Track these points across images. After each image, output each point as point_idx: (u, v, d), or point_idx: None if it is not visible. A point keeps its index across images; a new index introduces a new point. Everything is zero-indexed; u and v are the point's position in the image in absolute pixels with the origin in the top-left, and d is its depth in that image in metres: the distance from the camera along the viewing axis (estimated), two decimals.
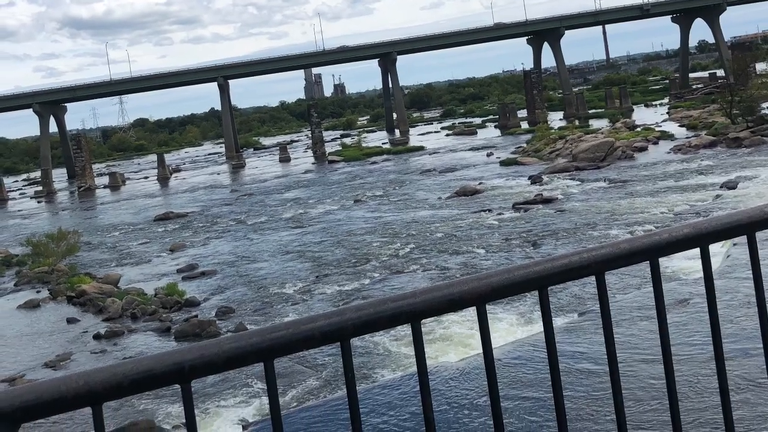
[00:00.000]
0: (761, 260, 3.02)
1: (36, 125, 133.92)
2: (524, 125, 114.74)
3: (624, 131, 78.20)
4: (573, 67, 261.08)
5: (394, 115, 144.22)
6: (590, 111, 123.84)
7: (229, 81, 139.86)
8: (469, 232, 41.17)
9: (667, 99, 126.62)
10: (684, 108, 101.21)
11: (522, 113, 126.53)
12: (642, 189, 47.29)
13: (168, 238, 53.58)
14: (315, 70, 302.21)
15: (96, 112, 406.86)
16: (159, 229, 59.40)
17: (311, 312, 26.64)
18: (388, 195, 60.70)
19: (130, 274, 42.17)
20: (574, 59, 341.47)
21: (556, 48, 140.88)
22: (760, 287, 3.00)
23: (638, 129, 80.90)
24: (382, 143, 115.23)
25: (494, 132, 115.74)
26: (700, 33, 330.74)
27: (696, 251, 2.92)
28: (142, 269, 43.88)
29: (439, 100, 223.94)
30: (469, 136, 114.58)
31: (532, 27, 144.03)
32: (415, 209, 51.66)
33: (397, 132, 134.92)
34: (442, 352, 22.38)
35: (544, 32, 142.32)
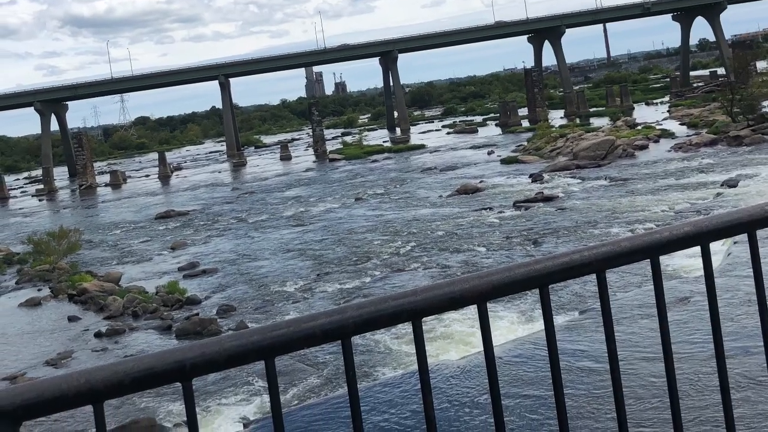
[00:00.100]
0: (762, 258, 3.02)
1: (37, 123, 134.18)
2: (525, 123, 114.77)
3: (625, 129, 78.15)
4: (574, 65, 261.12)
5: (395, 114, 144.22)
6: (591, 109, 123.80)
7: (230, 79, 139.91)
8: (469, 231, 41.17)
9: (667, 97, 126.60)
10: (685, 106, 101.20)
11: (523, 111, 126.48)
12: (643, 187, 47.28)
13: (169, 236, 53.58)
14: (316, 68, 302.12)
15: (97, 111, 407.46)
16: (160, 227, 59.41)
17: (312, 310, 26.62)
18: (389, 193, 60.69)
19: (132, 273, 42.18)
20: (575, 57, 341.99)
21: (557, 46, 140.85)
22: (760, 285, 3.01)
23: (639, 127, 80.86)
24: (383, 141, 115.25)
25: (495, 130, 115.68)
26: (700, 31, 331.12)
27: (697, 249, 2.92)
28: (144, 267, 43.89)
29: (440, 98, 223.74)
30: (470, 134, 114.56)
31: (533, 25, 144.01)
32: (416, 207, 51.65)
33: (398, 130, 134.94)
34: (443, 350, 22.39)
35: (545, 30, 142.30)
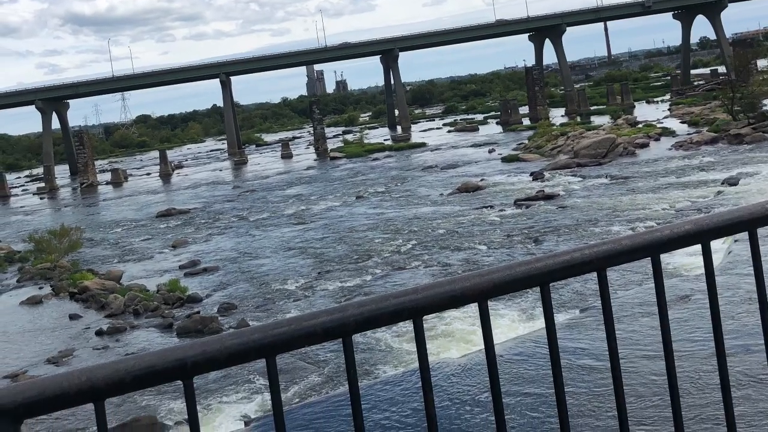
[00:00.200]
0: (762, 256, 3.02)
1: (38, 122, 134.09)
2: (526, 122, 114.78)
3: (625, 128, 78.13)
4: (574, 63, 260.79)
5: (396, 112, 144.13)
6: (592, 107, 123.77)
7: (231, 77, 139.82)
8: (470, 229, 41.18)
9: (668, 95, 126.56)
10: (685, 104, 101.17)
11: (523, 110, 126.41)
12: (643, 185, 47.27)
13: (170, 235, 53.59)
14: (317, 66, 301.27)
15: (98, 109, 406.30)
16: (161, 225, 59.42)
17: (313, 308, 26.64)
18: (390, 191, 60.68)
19: (133, 271, 42.20)
20: (576, 56, 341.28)
21: (557, 44, 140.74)
22: (761, 283, 3.00)
23: (640, 125, 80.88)
24: (384, 140, 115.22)
25: (496, 128, 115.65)
26: (701, 30, 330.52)
27: (697, 247, 2.92)
28: (145, 265, 43.90)
29: (440, 96, 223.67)
30: (471, 132, 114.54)
31: (534, 24, 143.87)
32: (416, 206, 51.65)
33: (398, 128, 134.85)
34: (444, 348, 22.40)
35: (546, 29, 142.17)
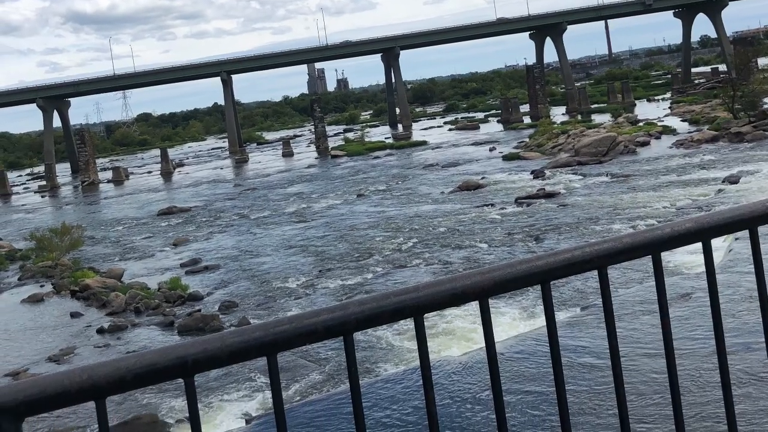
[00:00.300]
0: (763, 254, 3.02)
1: (40, 120, 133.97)
2: (527, 120, 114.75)
3: (626, 126, 78.12)
4: (575, 62, 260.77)
5: (397, 110, 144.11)
6: (592, 106, 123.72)
7: (233, 76, 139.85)
8: (471, 227, 41.17)
9: (669, 94, 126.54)
10: (686, 103, 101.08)
11: (524, 108, 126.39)
12: (644, 183, 47.26)
13: (171, 233, 53.59)
14: (318, 65, 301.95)
15: (99, 107, 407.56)
16: (162, 223, 59.43)
17: (314, 306, 26.64)
18: (391, 189, 60.68)
19: (134, 269, 42.20)
20: (577, 54, 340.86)
21: (558, 43, 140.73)
22: (762, 281, 3.00)
23: (640, 124, 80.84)
24: (385, 138, 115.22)
25: (497, 127, 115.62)
26: (702, 28, 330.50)
27: (698, 246, 2.92)
28: (146, 263, 43.90)
29: (441, 95, 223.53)
30: (472, 130, 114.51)
31: (535, 22, 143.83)
32: (417, 204, 51.64)
33: (399, 127, 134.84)
34: (445, 347, 22.41)
35: (547, 27, 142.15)
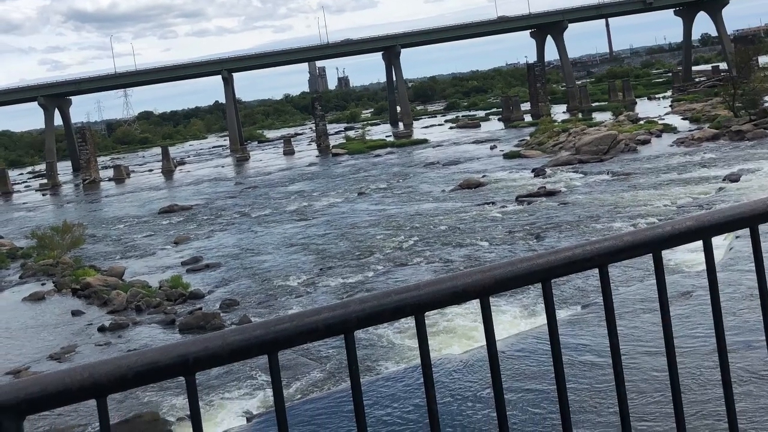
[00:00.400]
0: (764, 253, 3.02)
1: (41, 118, 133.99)
2: (527, 118, 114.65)
3: (627, 124, 78.09)
4: (576, 60, 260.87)
5: (398, 108, 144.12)
6: (593, 104, 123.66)
7: (234, 74, 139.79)
8: (472, 225, 41.17)
9: (670, 92, 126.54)
10: (687, 101, 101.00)
11: (525, 106, 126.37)
12: (645, 182, 47.24)
13: (172, 231, 53.61)
14: (319, 63, 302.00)
15: (101, 105, 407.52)
16: (163, 221, 59.45)
17: (315, 304, 26.66)
18: (392, 188, 60.67)
19: (135, 267, 42.22)
20: (578, 52, 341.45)
21: (559, 41, 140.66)
22: (762, 280, 3.01)
23: (641, 122, 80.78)
24: (386, 136, 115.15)
25: (498, 125, 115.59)
26: (702, 26, 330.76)
27: (699, 244, 2.92)
28: (147, 262, 43.92)
29: (442, 93, 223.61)
30: (473, 128, 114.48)
31: (536, 20, 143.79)
32: (418, 202, 51.64)
33: (400, 125, 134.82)
34: (446, 345, 22.41)
35: (548, 25, 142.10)
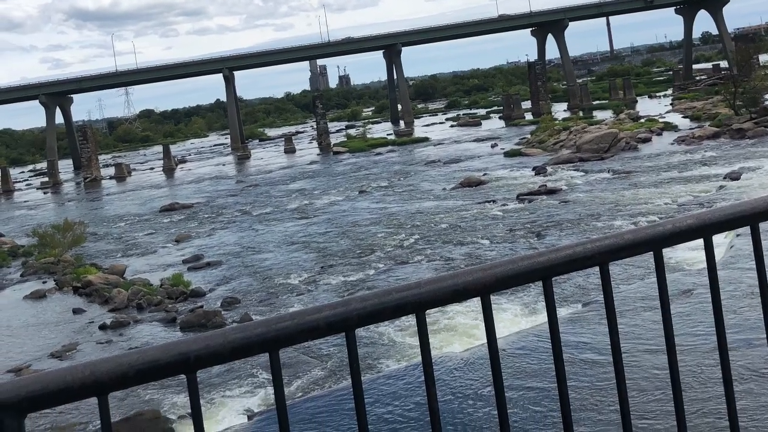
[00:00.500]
0: (765, 251, 3.02)
1: (42, 116, 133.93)
2: (528, 116, 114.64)
3: (628, 122, 78.10)
4: (577, 58, 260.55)
5: (399, 107, 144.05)
6: (594, 102, 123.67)
7: (235, 72, 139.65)
8: (473, 223, 41.18)
9: (670, 90, 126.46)
10: (687, 99, 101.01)
11: (526, 104, 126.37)
12: (646, 180, 47.23)
13: (173, 229, 53.62)
14: (320, 61, 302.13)
15: (102, 104, 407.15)
16: (164, 219, 59.46)
17: (316, 302, 26.66)
18: (393, 186, 60.67)
19: (136, 265, 42.23)
20: (578, 51, 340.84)
21: (560, 39, 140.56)
22: (763, 278, 3.00)
23: (642, 120, 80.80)
24: (387, 134, 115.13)
25: (498, 123, 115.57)
26: (703, 24, 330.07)
27: (700, 242, 2.92)
28: (148, 260, 43.93)
29: (443, 91, 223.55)
30: (474, 127, 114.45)
31: (537, 18, 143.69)
32: (419, 200, 51.64)
33: (401, 123, 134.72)
34: (447, 343, 22.42)
35: (549, 24, 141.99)
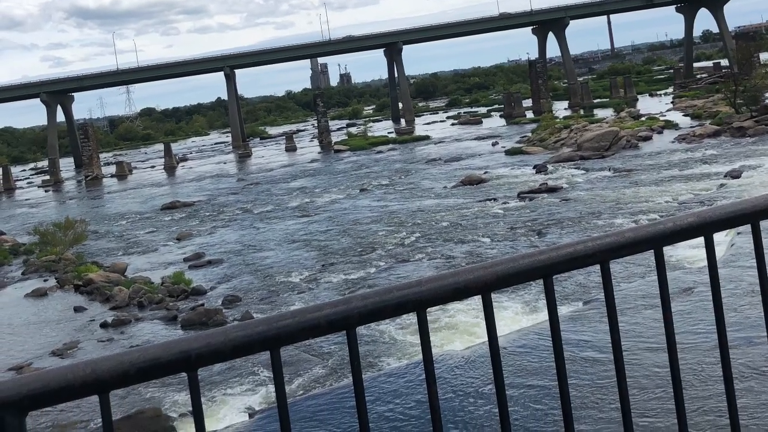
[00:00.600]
0: (765, 249, 3.02)
1: (43, 115, 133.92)
2: (529, 114, 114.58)
3: (628, 120, 78.08)
4: (578, 56, 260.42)
5: (400, 105, 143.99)
6: (595, 100, 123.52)
7: (236, 70, 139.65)
8: (474, 221, 41.17)
9: (671, 88, 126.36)
10: (688, 97, 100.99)
11: (527, 103, 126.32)
12: (646, 178, 47.21)
13: (175, 227, 53.63)
14: (321, 59, 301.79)
15: (103, 102, 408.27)
16: (166, 218, 59.46)
17: (317, 300, 26.66)
18: (394, 184, 60.67)
19: (137, 263, 42.24)
20: (579, 49, 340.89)
21: (561, 38, 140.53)
22: (764, 276, 3.01)
23: (643, 118, 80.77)
24: (388, 133, 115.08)
25: (499, 121, 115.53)
26: (704, 23, 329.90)
27: (700, 240, 2.92)
28: (149, 258, 43.94)
29: (444, 89, 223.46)
30: (475, 125, 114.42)
31: (537, 17, 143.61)
32: (420, 198, 51.63)
33: (402, 121, 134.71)
34: (448, 341, 22.42)
35: (549, 22, 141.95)
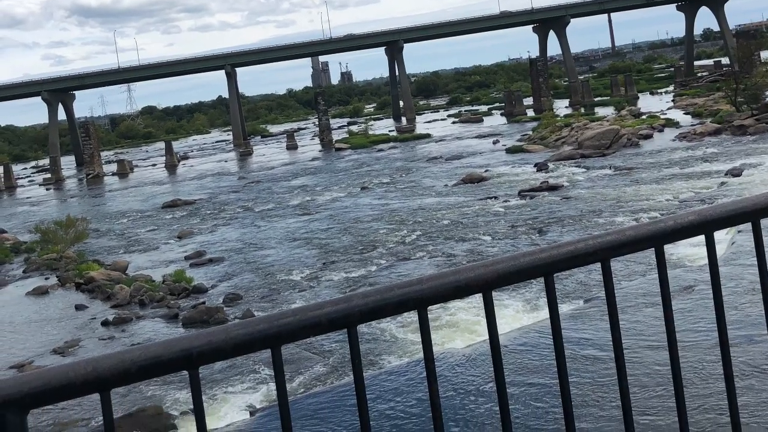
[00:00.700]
0: (766, 247, 3.03)
1: (45, 113, 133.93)
2: (530, 113, 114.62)
3: (629, 119, 78.00)
4: (578, 55, 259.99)
5: (401, 103, 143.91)
6: (596, 99, 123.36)
7: (237, 69, 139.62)
8: (475, 219, 41.17)
9: (672, 87, 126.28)
10: (689, 96, 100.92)
11: (528, 101, 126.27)
12: (647, 176, 47.20)
13: (176, 225, 53.64)
14: (322, 58, 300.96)
15: (104, 100, 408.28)
16: (167, 216, 59.47)
17: (318, 299, 26.67)
18: (395, 182, 60.67)
19: (138, 261, 42.25)
20: (580, 47, 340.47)
21: (561, 36, 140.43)
22: (764, 274, 3.01)
23: (643, 117, 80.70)
24: (389, 131, 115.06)
25: (500, 119, 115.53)
26: (705, 21, 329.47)
27: (701, 238, 2.92)
28: (150, 256, 43.95)
29: (445, 87, 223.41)
30: (476, 123, 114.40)
31: (538, 15, 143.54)
32: (421, 196, 51.64)
33: (403, 120, 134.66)
34: (449, 339, 22.43)
35: (550, 20, 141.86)
